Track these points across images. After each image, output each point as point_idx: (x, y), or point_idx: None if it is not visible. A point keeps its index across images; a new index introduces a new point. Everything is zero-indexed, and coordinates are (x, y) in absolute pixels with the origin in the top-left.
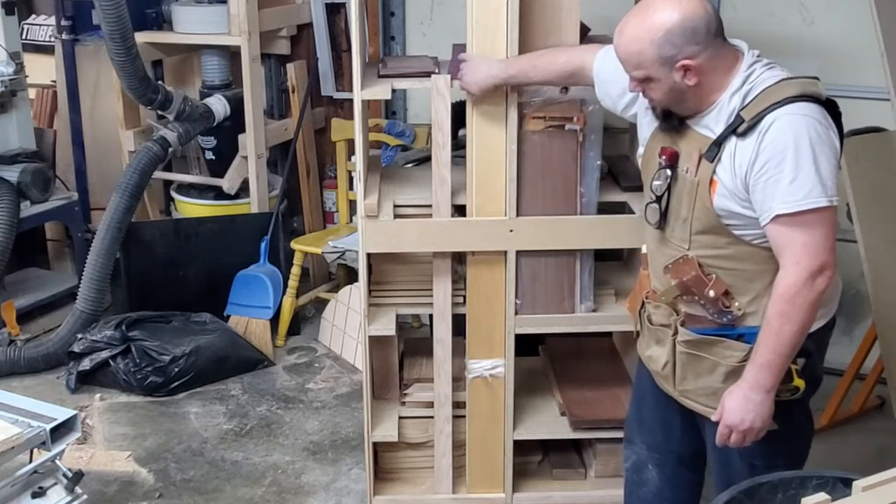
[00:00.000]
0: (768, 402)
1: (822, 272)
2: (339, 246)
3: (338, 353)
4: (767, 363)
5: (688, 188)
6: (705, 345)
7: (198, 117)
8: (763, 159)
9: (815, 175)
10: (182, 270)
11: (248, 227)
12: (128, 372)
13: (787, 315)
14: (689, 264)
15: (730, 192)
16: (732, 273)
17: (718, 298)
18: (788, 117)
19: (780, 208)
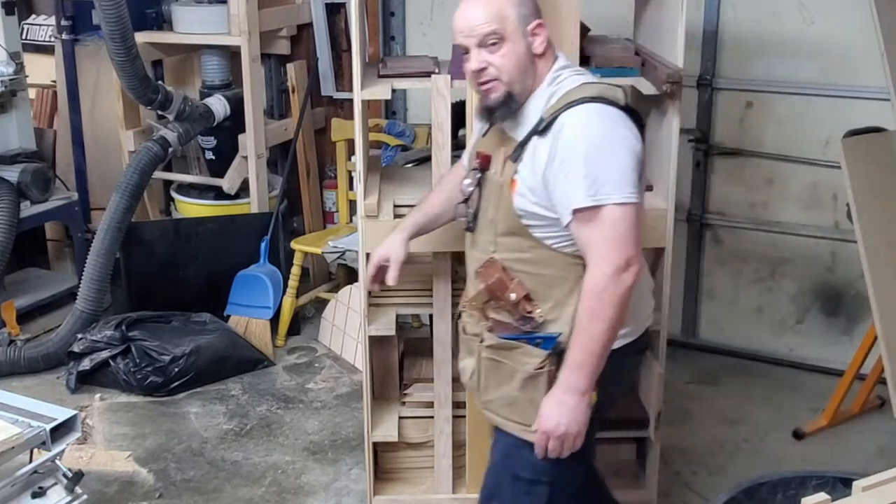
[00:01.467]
0: (583, 406)
1: (627, 267)
2: (339, 246)
3: (338, 353)
4: (579, 364)
5: (495, 189)
6: (505, 350)
7: (198, 117)
8: (560, 157)
9: (608, 172)
10: (182, 270)
11: (248, 227)
12: (128, 372)
13: (596, 312)
14: (494, 267)
15: (529, 191)
16: (535, 278)
17: (520, 303)
18: (582, 116)
19: (576, 203)
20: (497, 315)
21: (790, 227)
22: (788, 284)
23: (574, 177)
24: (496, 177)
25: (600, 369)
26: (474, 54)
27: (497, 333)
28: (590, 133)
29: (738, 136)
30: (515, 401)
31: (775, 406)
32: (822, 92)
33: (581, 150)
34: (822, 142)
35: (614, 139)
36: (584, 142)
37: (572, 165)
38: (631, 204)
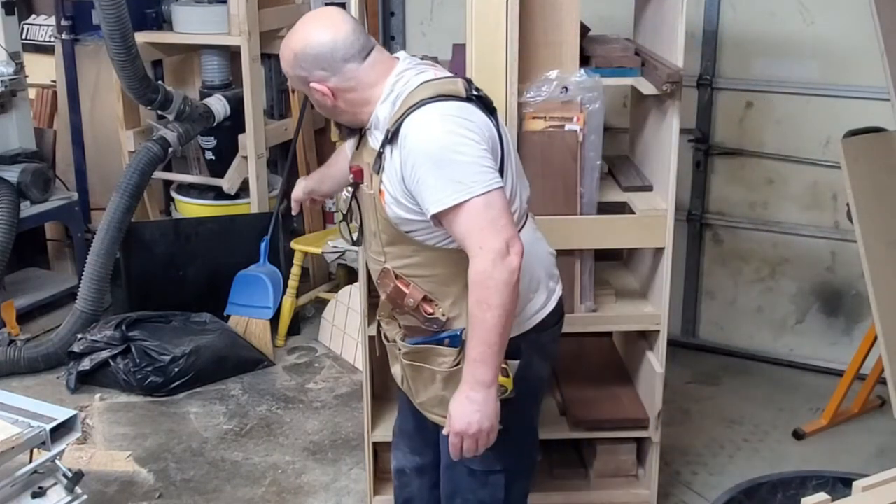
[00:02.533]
0: (491, 400)
1: (509, 250)
2: (338, 246)
3: (338, 353)
4: (480, 357)
5: (369, 202)
6: (420, 355)
7: (198, 117)
8: (410, 165)
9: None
10: (182, 270)
11: (247, 227)
12: (128, 372)
13: (485, 301)
14: (388, 276)
15: (396, 200)
16: (429, 280)
17: (419, 306)
18: (422, 119)
19: (438, 206)
20: (406, 321)
21: (790, 227)
22: (788, 284)
23: (429, 182)
24: (368, 189)
25: (501, 357)
26: None
27: (409, 339)
28: (433, 135)
29: (738, 136)
30: (444, 399)
31: (775, 406)
32: (822, 92)
33: (428, 155)
34: (822, 142)
35: (459, 134)
36: (429, 145)
37: (423, 171)
38: (494, 190)
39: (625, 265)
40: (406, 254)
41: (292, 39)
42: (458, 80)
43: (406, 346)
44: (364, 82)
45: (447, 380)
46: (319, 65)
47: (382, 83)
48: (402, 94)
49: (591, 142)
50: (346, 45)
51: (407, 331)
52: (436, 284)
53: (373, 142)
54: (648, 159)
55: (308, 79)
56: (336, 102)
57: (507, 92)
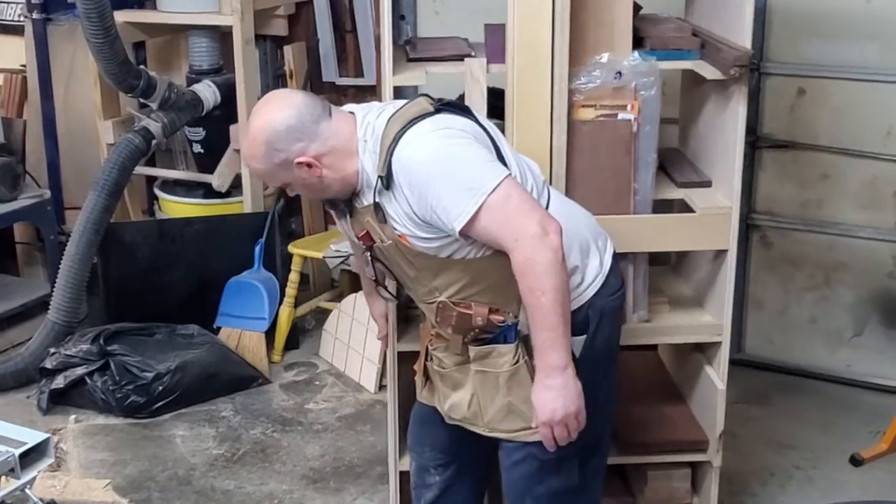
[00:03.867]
0: (570, 382)
1: (545, 231)
2: (342, 250)
3: (341, 370)
4: (547, 343)
5: (392, 252)
6: (484, 358)
7: (184, 106)
8: (416, 195)
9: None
10: (167, 277)
11: (240, 229)
12: (106, 390)
13: (537, 287)
14: (446, 309)
15: (417, 236)
16: (486, 292)
17: (488, 319)
18: (407, 150)
19: (459, 224)
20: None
21: (847, 229)
22: (845, 292)
23: (443, 201)
24: (385, 244)
25: (569, 336)
26: None
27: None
28: (424, 157)
29: (788, 126)
30: (511, 407)
31: (831, 429)
32: (884, 77)
33: (431, 177)
34: (882, 132)
35: (448, 144)
36: (427, 167)
37: (434, 194)
38: (504, 180)
39: (673, 270)
40: (455, 278)
41: (255, 132)
42: (419, 100)
43: (474, 349)
44: (341, 136)
45: (510, 382)
46: (295, 136)
47: (355, 134)
48: (377, 140)
49: (645, 133)
50: (310, 107)
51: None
52: (494, 293)
53: (364, 200)
54: (705, 152)
55: (289, 158)
56: (323, 172)
57: (556, 77)
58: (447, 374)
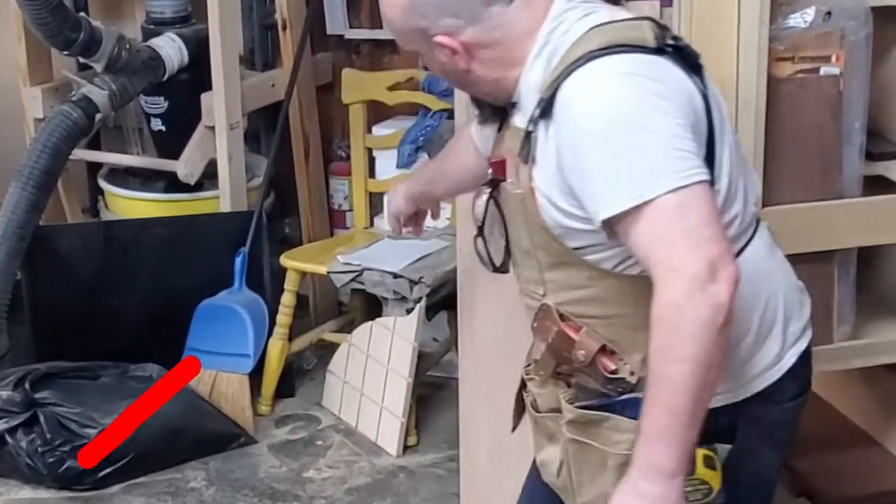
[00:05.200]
0: (672, 496)
1: (715, 275)
2: (353, 262)
3: (351, 426)
4: (660, 431)
5: (517, 208)
6: (589, 426)
7: (140, 67)
8: (569, 148)
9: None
10: (116, 299)
11: (215, 234)
12: (33, 453)
13: (672, 348)
14: (549, 317)
15: (551, 202)
16: (609, 322)
17: (595, 360)
18: (587, 81)
19: (604, 211)
20: (580, 379)
21: None
22: None
23: (597, 173)
24: (514, 188)
25: (693, 435)
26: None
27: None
28: (604, 104)
29: None
30: None
31: None
32: None
33: (597, 134)
34: None
35: (644, 102)
36: (598, 120)
37: (590, 158)
38: (694, 184)
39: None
40: (576, 282)
41: None
42: (644, 23)
43: (571, 411)
44: (513, 32)
45: (621, 469)
46: (449, 9)
47: (536, 34)
48: (561, 47)
49: (853, 92)
50: None
51: (578, 392)
52: (620, 329)
53: (519, 120)
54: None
55: (430, 31)
56: (471, 66)
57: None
58: (542, 420)
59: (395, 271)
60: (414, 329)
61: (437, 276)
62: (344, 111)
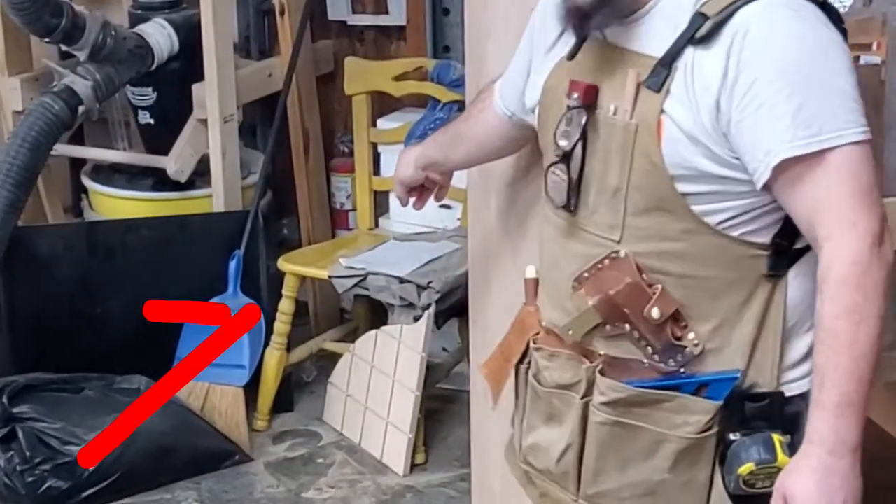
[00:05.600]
0: (857, 472)
1: (884, 234)
2: (356, 266)
3: (354, 442)
4: (847, 400)
5: (619, 140)
6: (643, 406)
7: (126, 56)
8: (747, 78)
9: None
10: (100, 306)
11: (208, 236)
12: (11, 472)
13: (860, 309)
14: (620, 267)
15: (689, 137)
16: (687, 284)
17: (666, 323)
18: (780, 12)
19: (785, 150)
20: (613, 348)
21: None
22: None
23: (779, 109)
24: (620, 118)
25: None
26: None
27: (617, 379)
28: (795, 40)
29: None
30: (659, 488)
31: None
32: None
33: (786, 66)
34: None
35: (830, 48)
36: (789, 53)
37: (774, 96)
38: (867, 141)
39: None
40: (666, 233)
41: None
42: None
43: (619, 389)
44: None
45: (681, 455)
46: None
47: None
48: None
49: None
50: None
51: (609, 366)
52: (699, 292)
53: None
54: None
55: None
56: None
57: None
58: (545, 397)
59: (401, 276)
60: (422, 338)
61: (448, 281)
62: (347, 103)
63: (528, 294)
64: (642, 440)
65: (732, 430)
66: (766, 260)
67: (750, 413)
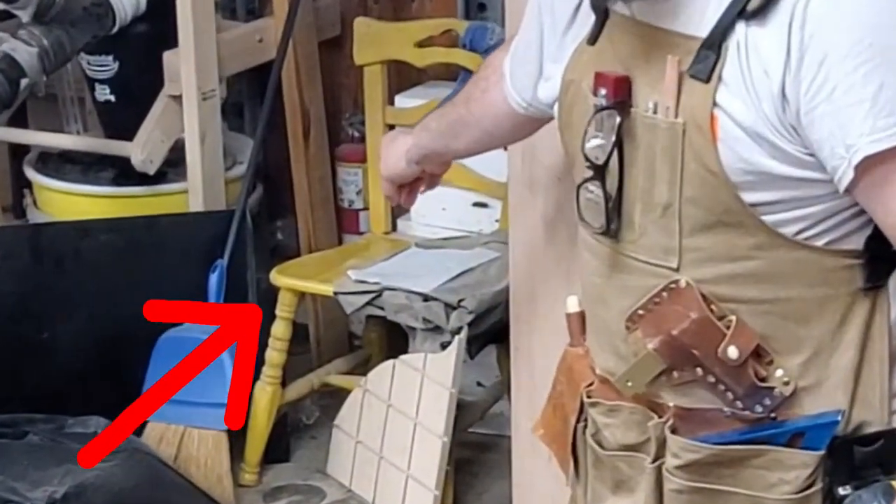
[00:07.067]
0: None
1: None
2: (369, 280)
3: (367, 500)
4: None
5: (663, 144)
6: (727, 466)
7: (81, 17)
8: (816, 56)
9: None
10: (49, 328)
11: (183, 242)
12: None
13: None
14: (682, 300)
15: (750, 134)
16: (767, 311)
17: (746, 362)
18: None
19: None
20: (684, 398)
21: None
22: None
23: (856, 94)
24: (663, 118)
25: None
26: None
27: (693, 436)
28: (873, 13)
29: None
30: None
31: None
32: None
33: (861, 39)
34: None
35: None
36: (861, 21)
37: (847, 71)
38: None
39: None
40: (734, 251)
41: None
42: None
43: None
44: None
45: None
46: None
47: None
48: None
49: None
50: None
51: (681, 419)
52: (782, 321)
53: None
54: None
55: None
56: None
57: None
58: (609, 461)
59: (425, 292)
60: (451, 370)
61: (483, 300)
62: (357, 75)
63: (572, 333)
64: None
65: (841, 482)
66: (860, 270)
67: (860, 459)
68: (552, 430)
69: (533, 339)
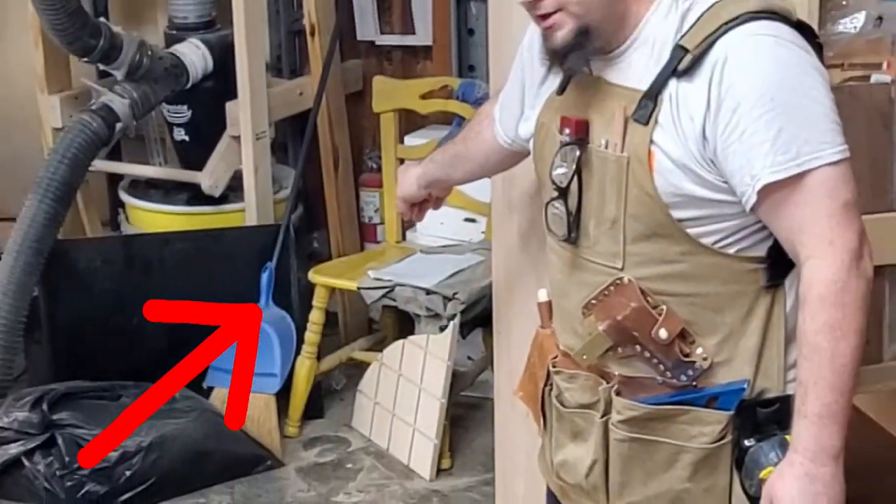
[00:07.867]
0: (839, 481)
1: (863, 250)
2: (384, 278)
3: (383, 448)
4: (828, 411)
5: (612, 173)
6: (658, 422)
7: (162, 75)
8: (729, 106)
9: (808, 121)
10: (137, 317)
11: (240, 249)
12: (51, 476)
13: (839, 324)
14: (625, 293)
15: (678, 166)
16: (691, 302)
17: (674, 342)
18: (755, 40)
19: (767, 176)
20: (627, 368)
21: None
22: None
23: (759, 136)
24: (612, 152)
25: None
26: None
27: (633, 397)
28: (771, 66)
29: None
30: (683, 496)
31: None
32: None
33: (764, 94)
34: None
35: (805, 71)
36: (765, 80)
37: (754, 123)
38: (846, 160)
39: None
40: (666, 256)
41: None
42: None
43: (633, 407)
44: None
45: (699, 464)
46: None
47: None
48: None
49: None
50: None
51: (625, 384)
52: (702, 310)
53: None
54: None
55: None
56: None
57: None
58: (568, 417)
59: (428, 287)
60: (448, 347)
61: (472, 292)
62: (375, 120)
63: (542, 317)
64: (662, 453)
65: (747, 436)
66: (763, 272)
67: (762, 418)
68: (528, 392)
69: (511, 323)
